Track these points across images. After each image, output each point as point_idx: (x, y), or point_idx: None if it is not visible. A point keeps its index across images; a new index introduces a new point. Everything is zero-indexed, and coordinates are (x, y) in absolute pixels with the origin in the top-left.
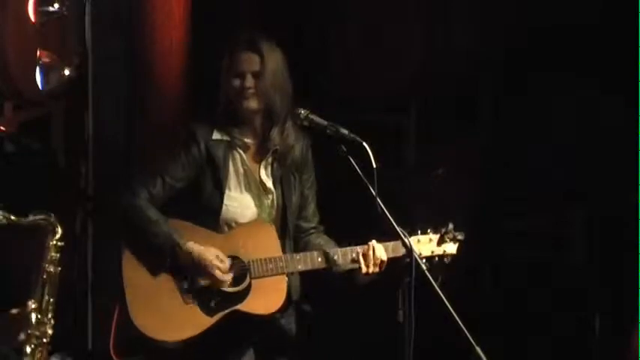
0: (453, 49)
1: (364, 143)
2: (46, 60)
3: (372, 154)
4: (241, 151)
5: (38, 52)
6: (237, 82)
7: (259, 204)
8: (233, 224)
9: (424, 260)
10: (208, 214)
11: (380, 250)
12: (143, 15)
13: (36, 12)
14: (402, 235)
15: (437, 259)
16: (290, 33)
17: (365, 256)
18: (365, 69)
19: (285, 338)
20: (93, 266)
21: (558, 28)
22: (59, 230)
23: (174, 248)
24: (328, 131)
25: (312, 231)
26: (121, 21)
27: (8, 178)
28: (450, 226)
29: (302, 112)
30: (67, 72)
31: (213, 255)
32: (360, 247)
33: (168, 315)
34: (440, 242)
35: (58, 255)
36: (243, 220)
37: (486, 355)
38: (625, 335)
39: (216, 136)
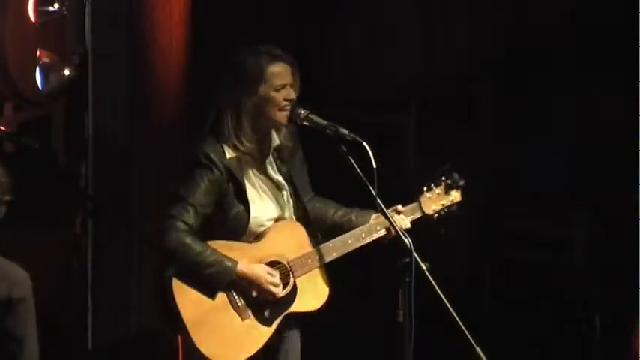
0: (453, 49)
1: (364, 143)
2: (46, 60)
3: (372, 154)
4: (251, 160)
5: (38, 52)
6: (281, 94)
7: (278, 204)
8: (258, 232)
9: (436, 215)
10: (235, 229)
11: (403, 221)
12: (143, 15)
13: (36, 12)
14: (403, 236)
15: (446, 209)
16: (290, 33)
17: (388, 229)
18: (365, 69)
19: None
20: (93, 266)
21: (558, 27)
22: None
23: (228, 274)
24: (328, 131)
25: (312, 200)
26: (121, 21)
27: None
28: (455, 175)
29: (302, 112)
30: (67, 72)
31: (264, 272)
32: (381, 218)
33: (232, 336)
34: (447, 192)
35: None
36: (264, 228)
37: (486, 355)
38: (625, 335)
39: (229, 154)
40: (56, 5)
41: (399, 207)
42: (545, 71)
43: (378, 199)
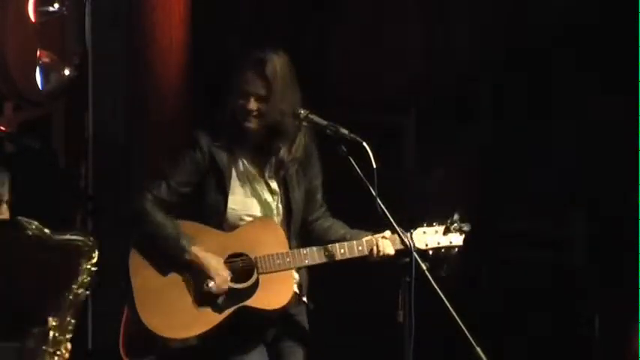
0: (453, 49)
1: (364, 143)
2: (46, 60)
3: (372, 154)
4: (244, 155)
5: (38, 52)
6: (241, 102)
7: (266, 205)
8: (237, 227)
9: (430, 252)
10: (213, 217)
11: (387, 247)
12: (143, 14)
13: (36, 12)
14: (403, 236)
15: (443, 250)
16: (290, 33)
17: (370, 250)
18: (365, 69)
19: (298, 332)
20: None
21: (558, 27)
22: (96, 255)
23: (181, 252)
24: (328, 131)
25: (319, 219)
26: (121, 21)
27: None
28: (456, 216)
29: (302, 112)
30: (67, 72)
31: (214, 265)
32: (367, 238)
33: (177, 313)
34: (445, 233)
35: (89, 279)
36: (243, 222)
37: (486, 355)
38: (625, 335)
39: (219, 141)
40: (56, 5)
41: (387, 233)
42: (545, 71)
43: (378, 199)
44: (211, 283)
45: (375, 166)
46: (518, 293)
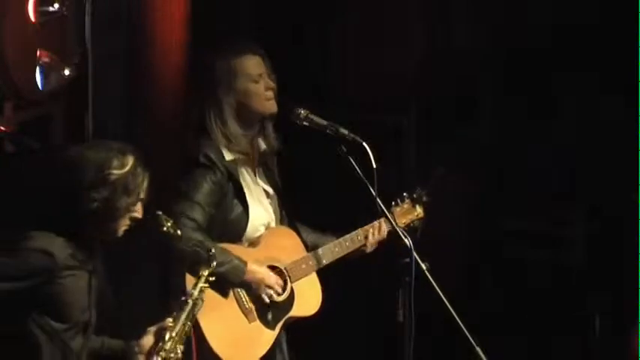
0: (453, 49)
1: (364, 143)
2: (46, 60)
3: (372, 154)
4: (247, 167)
5: (38, 52)
6: (256, 87)
7: (267, 211)
8: (253, 237)
9: (407, 228)
10: (233, 233)
11: (383, 232)
12: (143, 14)
13: (36, 12)
14: (403, 236)
15: (415, 222)
16: (290, 33)
17: (367, 238)
18: (365, 69)
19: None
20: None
21: (558, 27)
22: (214, 264)
23: (240, 273)
24: (328, 131)
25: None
26: (121, 21)
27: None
28: (419, 190)
29: (302, 112)
30: (67, 72)
31: (270, 274)
32: (363, 229)
33: (243, 337)
34: (413, 206)
35: (207, 286)
36: (258, 233)
37: (486, 355)
38: (625, 335)
39: (227, 156)
40: (56, 5)
41: (375, 223)
42: (545, 71)
43: (378, 199)
44: (271, 291)
45: (375, 166)
46: (518, 293)
